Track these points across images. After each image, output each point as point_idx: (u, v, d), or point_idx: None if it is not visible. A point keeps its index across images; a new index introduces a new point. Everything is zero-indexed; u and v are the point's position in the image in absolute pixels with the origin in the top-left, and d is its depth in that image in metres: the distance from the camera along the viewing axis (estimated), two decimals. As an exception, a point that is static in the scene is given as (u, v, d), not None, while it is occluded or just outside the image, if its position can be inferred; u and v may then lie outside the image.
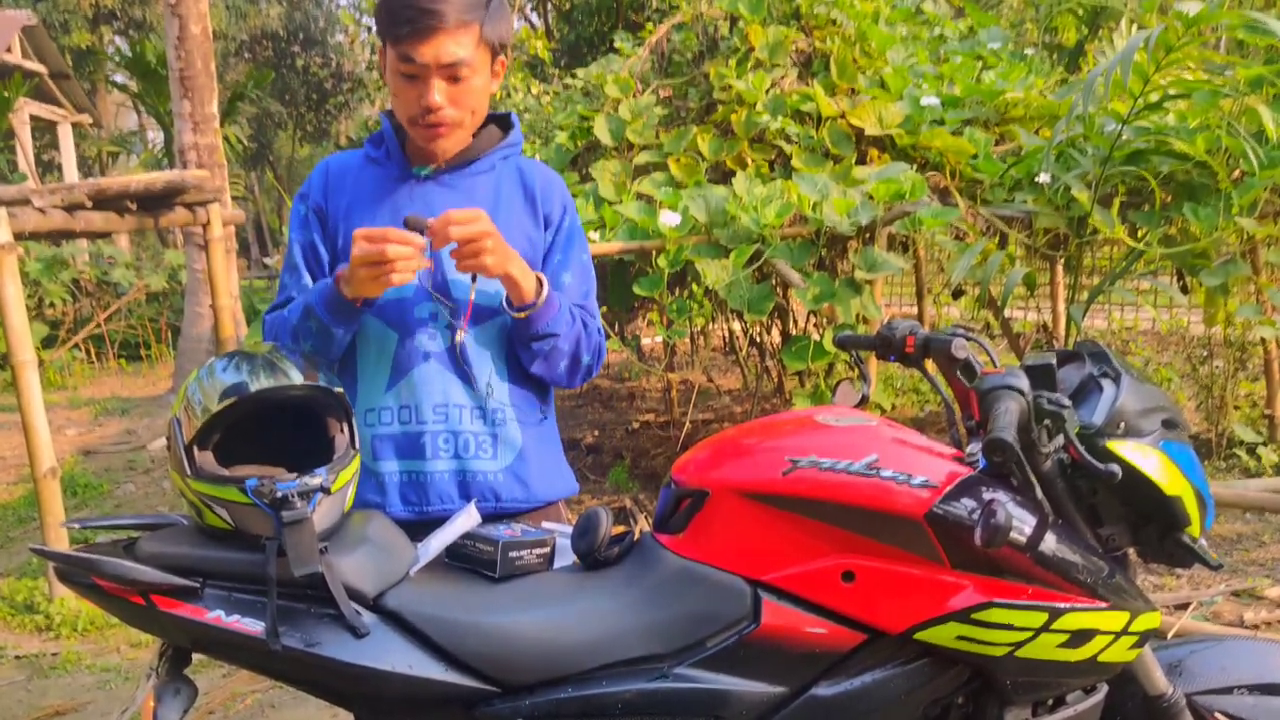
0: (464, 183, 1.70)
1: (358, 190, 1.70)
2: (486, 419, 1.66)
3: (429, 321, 1.64)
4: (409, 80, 1.57)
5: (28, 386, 3.80)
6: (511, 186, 1.73)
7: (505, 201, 1.71)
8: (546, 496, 1.73)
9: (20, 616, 3.97)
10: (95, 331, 10.39)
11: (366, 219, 1.66)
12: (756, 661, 1.38)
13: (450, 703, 1.35)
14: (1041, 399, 1.37)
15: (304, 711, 3.05)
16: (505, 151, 1.74)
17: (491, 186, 1.71)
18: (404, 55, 1.55)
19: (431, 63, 1.54)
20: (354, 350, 1.67)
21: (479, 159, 1.71)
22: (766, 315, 3.45)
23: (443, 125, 1.61)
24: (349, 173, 1.72)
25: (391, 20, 1.54)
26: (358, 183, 1.71)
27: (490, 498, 1.66)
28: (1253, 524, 4.19)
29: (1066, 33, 5.74)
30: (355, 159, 1.75)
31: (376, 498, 1.65)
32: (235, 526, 1.33)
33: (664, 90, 4.67)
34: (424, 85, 1.57)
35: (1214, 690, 1.60)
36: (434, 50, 1.54)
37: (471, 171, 1.71)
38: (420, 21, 1.52)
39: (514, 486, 1.68)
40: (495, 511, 1.66)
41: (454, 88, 1.58)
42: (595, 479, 5.26)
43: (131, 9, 19.32)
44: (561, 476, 1.78)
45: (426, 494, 1.64)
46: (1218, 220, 3.10)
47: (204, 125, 8.12)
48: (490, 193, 1.71)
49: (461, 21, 1.54)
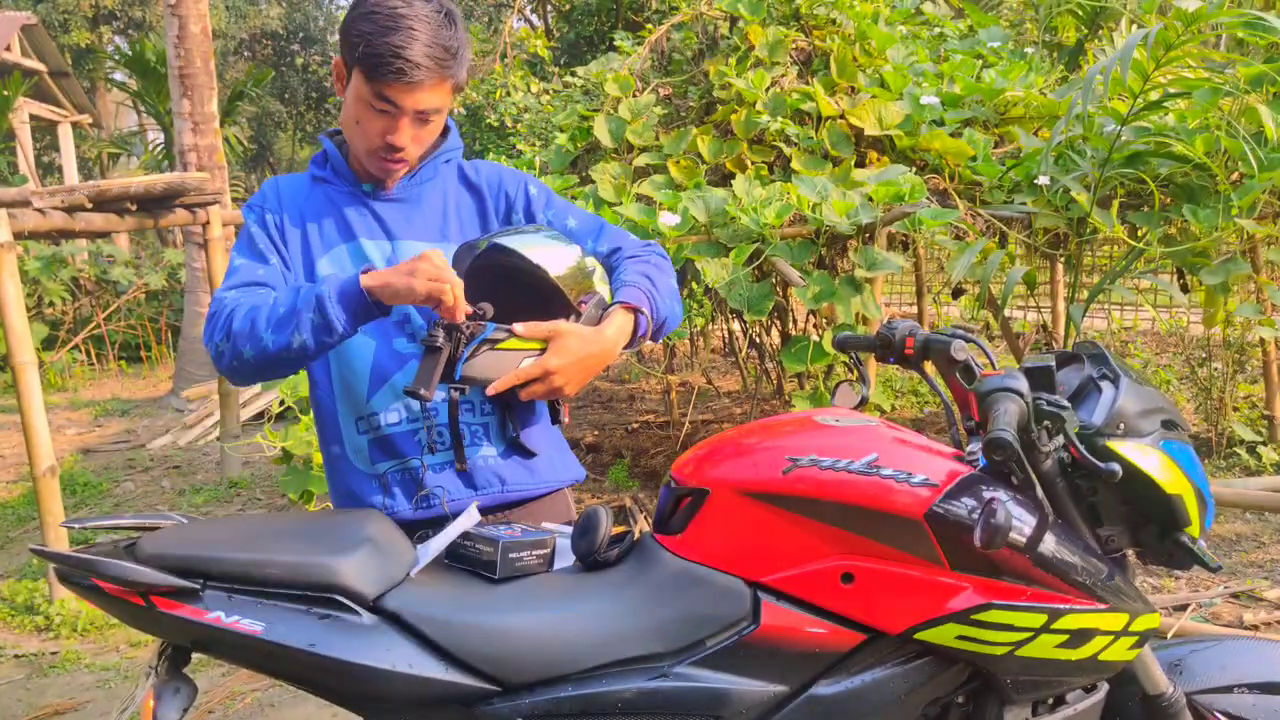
0: (411, 194, 1.72)
1: (309, 206, 1.71)
2: (475, 410, 1.67)
3: (404, 324, 1.66)
4: (378, 114, 1.58)
5: (28, 387, 3.81)
6: (457, 189, 1.76)
7: (454, 205, 1.74)
8: (552, 481, 1.74)
9: (20, 617, 3.97)
10: (95, 332, 10.39)
11: (320, 234, 1.69)
12: (756, 661, 1.38)
13: (450, 702, 1.35)
14: (1041, 400, 1.37)
15: (304, 711, 3.05)
16: (447, 155, 1.76)
17: (439, 193, 1.74)
18: (379, 94, 1.55)
19: (408, 108, 1.57)
20: (333, 363, 1.67)
21: (422, 168, 1.72)
22: (766, 315, 3.45)
23: (403, 163, 1.65)
24: (299, 191, 1.74)
25: (373, 61, 1.53)
26: (309, 200, 1.72)
27: (495, 483, 1.67)
28: (1252, 524, 4.19)
29: (1066, 32, 5.74)
30: (303, 180, 1.76)
31: (381, 499, 1.65)
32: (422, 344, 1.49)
33: (664, 89, 4.68)
34: (394, 124, 1.58)
35: (1214, 689, 1.61)
36: (413, 99, 1.56)
37: (417, 181, 1.72)
38: (408, 74, 1.53)
39: (517, 470, 1.69)
40: (502, 498, 1.68)
41: (421, 129, 1.62)
42: (595, 478, 5.26)
43: (131, 9, 19.32)
44: (565, 461, 1.79)
45: (430, 489, 1.64)
46: (1217, 221, 3.10)
47: (204, 125, 8.12)
48: (438, 200, 1.73)
49: (442, 76, 1.56)
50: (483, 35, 8.55)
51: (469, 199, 1.76)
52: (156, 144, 17.70)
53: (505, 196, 1.77)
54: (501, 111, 5.69)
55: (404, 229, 1.69)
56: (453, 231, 1.72)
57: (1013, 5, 6.75)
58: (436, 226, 1.71)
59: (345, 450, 1.68)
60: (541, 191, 1.80)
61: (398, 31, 1.52)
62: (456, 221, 1.73)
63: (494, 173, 1.79)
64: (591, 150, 4.53)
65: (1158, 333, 7.74)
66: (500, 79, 6.33)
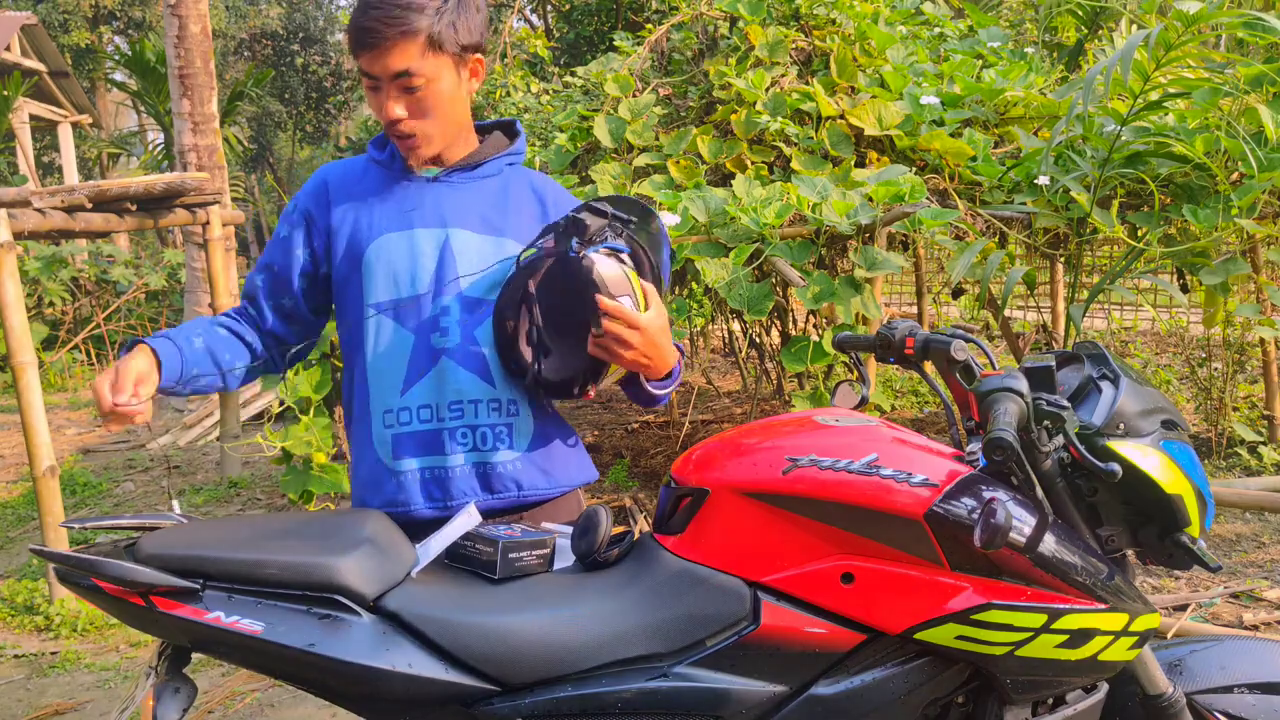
0: (470, 184, 1.72)
1: (363, 193, 1.72)
2: (502, 410, 1.67)
3: (441, 318, 1.65)
4: (373, 92, 1.63)
5: (28, 387, 3.81)
6: (523, 192, 1.76)
7: (515, 204, 1.74)
8: (567, 483, 1.75)
9: (20, 617, 3.97)
10: (95, 332, 10.39)
11: (373, 219, 1.69)
12: (756, 661, 1.38)
13: (450, 701, 1.35)
14: (1041, 400, 1.37)
15: (303, 711, 3.05)
16: (510, 158, 1.77)
17: (499, 189, 1.74)
18: (363, 72, 1.61)
19: (382, 75, 1.59)
20: (369, 352, 1.68)
21: (485, 163, 1.73)
22: (766, 315, 3.44)
23: (412, 138, 1.65)
24: (351, 179, 1.74)
25: (350, 42, 1.60)
26: (362, 186, 1.73)
27: (512, 488, 1.67)
28: (1252, 524, 4.19)
29: (1066, 32, 5.74)
30: (357, 164, 1.77)
31: (399, 497, 1.65)
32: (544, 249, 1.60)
33: (664, 89, 4.67)
34: (383, 98, 1.61)
35: (1214, 689, 1.61)
36: (382, 65, 1.58)
37: (478, 175, 1.73)
38: (365, 39, 1.56)
39: (535, 475, 1.69)
40: (519, 501, 1.68)
41: (411, 98, 1.61)
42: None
43: (131, 9, 19.33)
44: (579, 462, 1.79)
45: (449, 490, 1.64)
46: (1217, 221, 3.10)
47: (204, 125, 8.12)
48: (497, 195, 1.73)
49: (402, 34, 1.55)
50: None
51: (533, 203, 1.76)
52: (156, 144, 17.71)
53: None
54: (501, 112, 5.69)
55: (459, 218, 1.69)
56: (510, 227, 1.71)
57: (1013, 5, 6.75)
58: (494, 220, 1.71)
59: (371, 442, 1.68)
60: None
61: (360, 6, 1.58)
62: (517, 218, 1.72)
63: (561, 191, 1.82)
64: (591, 150, 4.53)
65: (1158, 333, 7.74)
66: (500, 79, 6.33)
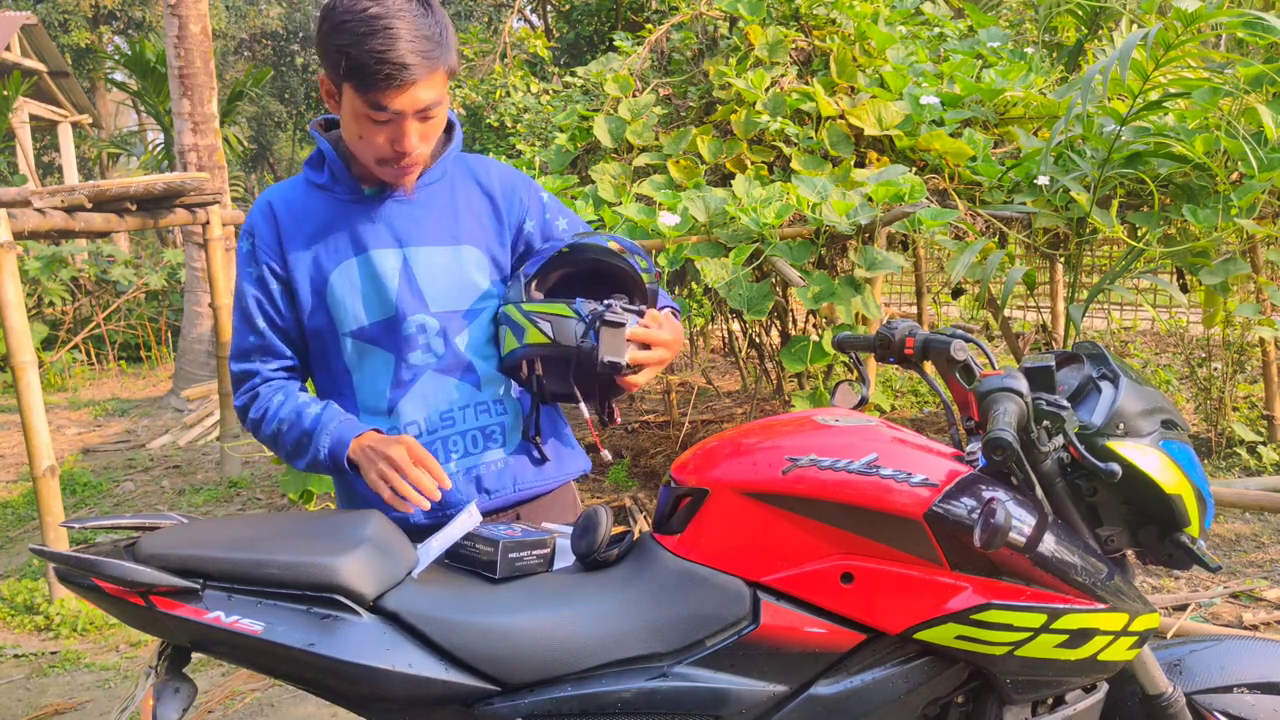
0: (420, 196, 1.67)
1: (311, 220, 1.64)
2: (490, 411, 1.68)
3: (417, 336, 1.64)
4: (379, 125, 1.52)
5: (28, 387, 3.81)
6: (467, 188, 1.72)
7: (464, 205, 1.70)
8: (560, 476, 1.76)
9: (20, 617, 3.97)
10: (95, 332, 10.39)
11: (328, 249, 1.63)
12: (756, 661, 1.38)
13: (450, 702, 1.35)
14: (1040, 400, 1.37)
15: (303, 710, 3.05)
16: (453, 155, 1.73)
17: (448, 194, 1.70)
18: (374, 104, 1.49)
19: (407, 110, 1.51)
20: (353, 373, 1.67)
21: (430, 168, 1.68)
22: (766, 315, 3.44)
23: (416, 164, 1.60)
24: (295, 206, 1.66)
25: (358, 72, 1.47)
26: (307, 215, 1.65)
27: (507, 485, 1.68)
28: (1252, 524, 4.19)
29: (1066, 32, 5.74)
30: (297, 190, 1.68)
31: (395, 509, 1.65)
32: (553, 339, 1.57)
33: (663, 89, 4.67)
34: (397, 130, 1.53)
35: (1214, 689, 1.61)
36: (409, 100, 1.50)
37: (425, 182, 1.67)
38: (397, 77, 1.46)
39: (528, 470, 1.70)
40: (515, 497, 1.69)
41: (425, 125, 1.56)
42: (595, 478, 5.26)
43: (131, 9, 19.32)
44: (572, 454, 1.80)
45: (445, 498, 1.63)
46: (1217, 221, 3.10)
47: (204, 125, 8.12)
48: (448, 201, 1.69)
49: (431, 69, 1.50)
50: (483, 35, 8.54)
51: (481, 201, 1.72)
52: (156, 144, 17.70)
53: (520, 202, 1.75)
54: (501, 112, 5.69)
55: (414, 235, 1.64)
56: (465, 234, 1.67)
57: (1013, 5, 6.74)
58: (448, 230, 1.67)
59: None
60: (551, 198, 1.81)
61: (375, 35, 1.45)
62: (470, 222, 1.69)
63: (507, 177, 1.76)
64: (591, 150, 4.53)
65: (1158, 333, 7.74)
66: (500, 79, 6.33)
